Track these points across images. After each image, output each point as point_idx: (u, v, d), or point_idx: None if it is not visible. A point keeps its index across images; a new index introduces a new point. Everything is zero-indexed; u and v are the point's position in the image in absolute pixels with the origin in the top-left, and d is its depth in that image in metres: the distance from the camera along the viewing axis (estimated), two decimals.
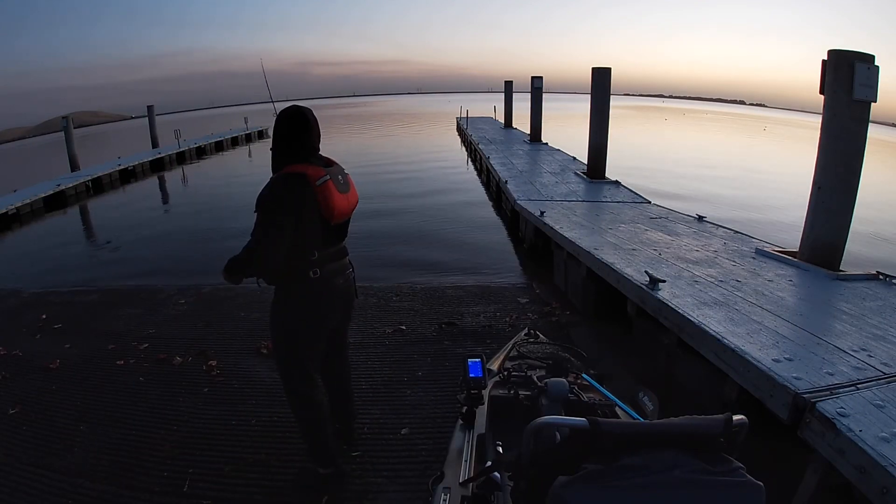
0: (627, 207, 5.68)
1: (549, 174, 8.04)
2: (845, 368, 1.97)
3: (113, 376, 3.06)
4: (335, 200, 1.78)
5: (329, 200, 1.76)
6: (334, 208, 1.78)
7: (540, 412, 1.37)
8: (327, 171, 1.79)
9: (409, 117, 39.95)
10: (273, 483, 2.13)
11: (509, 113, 18.10)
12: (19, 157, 27.44)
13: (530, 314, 3.89)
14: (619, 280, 3.26)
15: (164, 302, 4.31)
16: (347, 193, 1.87)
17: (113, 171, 12.31)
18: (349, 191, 1.89)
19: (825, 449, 1.62)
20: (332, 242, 1.89)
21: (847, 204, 3.28)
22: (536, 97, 12.83)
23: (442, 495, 1.27)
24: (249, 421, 2.56)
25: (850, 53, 3.15)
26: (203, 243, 6.79)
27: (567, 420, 0.94)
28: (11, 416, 2.65)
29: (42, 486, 2.13)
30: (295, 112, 1.84)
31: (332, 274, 1.88)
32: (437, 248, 6.33)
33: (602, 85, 7.28)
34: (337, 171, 1.85)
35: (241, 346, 3.39)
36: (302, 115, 1.83)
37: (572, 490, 0.82)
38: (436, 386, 2.85)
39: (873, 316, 2.53)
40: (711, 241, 4.15)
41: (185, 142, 17.23)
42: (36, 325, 3.88)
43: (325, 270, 1.85)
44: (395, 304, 4.11)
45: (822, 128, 3.32)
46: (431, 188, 10.30)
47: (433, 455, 2.20)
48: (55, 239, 7.68)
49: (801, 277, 3.21)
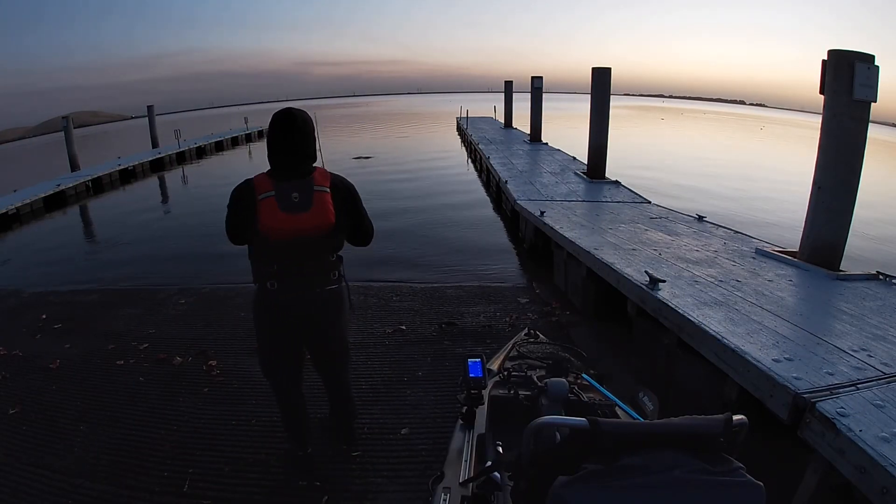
0: (627, 207, 5.68)
1: (549, 174, 8.04)
2: (845, 368, 1.97)
3: (113, 376, 3.06)
4: (273, 219, 1.69)
5: (266, 217, 1.69)
6: (270, 227, 1.70)
7: (540, 412, 1.37)
8: (277, 187, 1.70)
9: (410, 117, 39.95)
10: (273, 483, 2.13)
11: (509, 113, 18.11)
12: (19, 157, 27.44)
13: (530, 314, 3.89)
14: (619, 280, 3.26)
15: (164, 302, 4.31)
16: (301, 214, 1.71)
17: (113, 171, 12.32)
18: (307, 211, 1.72)
19: (825, 449, 1.62)
20: (295, 258, 1.78)
21: (847, 204, 3.28)
22: (536, 97, 12.84)
23: (442, 495, 1.27)
24: (249, 421, 2.56)
25: (850, 53, 3.15)
26: (203, 243, 6.78)
27: (567, 420, 0.94)
28: (11, 416, 2.65)
29: (42, 486, 2.13)
30: (275, 116, 1.76)
31: (288, 290, 1.81)
32: (437, 248, 6.34)
33: (602, 85, 7.28)
34: (294, 189, 1.72)
35: (241, 346, 3.39)
36: (279, 121, 1.74)
37: (572, 490, 0.82)
38: (436, 386, 2.85)
39: (873, 316, 2.52)
40: (711, 241, 4.15)
41: (185, 142, 17.25)
42: (36, 325, 3.88)
43: (283, 285, 1.80)
44: (395, 304, 4.11)
45: (822, 128, 3.32)
46: (431, 188, 10.30)
47: (433, 455, 2.20)
48: (55, 239, 7.68)
49: (801, 277, 3.21)
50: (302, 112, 1.79)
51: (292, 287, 1.81)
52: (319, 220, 1.74)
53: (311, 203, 1.73)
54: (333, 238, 1.83)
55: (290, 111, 1.77)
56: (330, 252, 1.86)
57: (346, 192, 1.85)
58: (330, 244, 1.84)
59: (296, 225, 1.72)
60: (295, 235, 1.73)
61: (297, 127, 1.75)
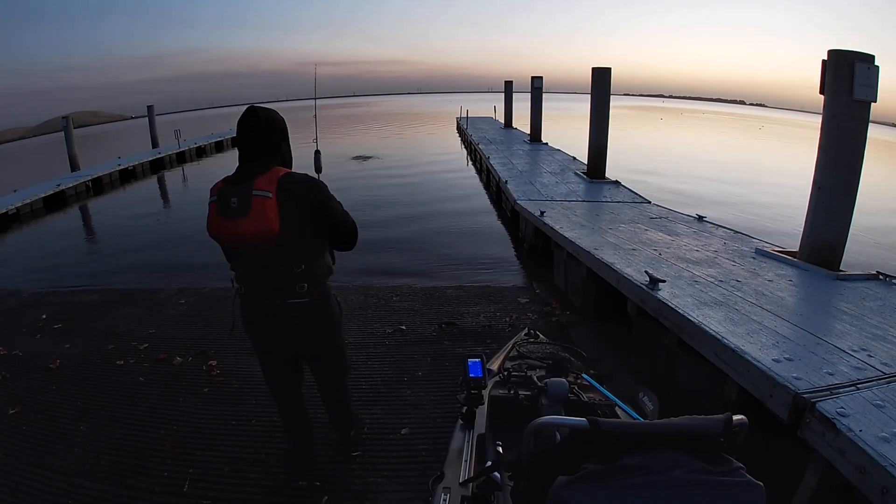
0: (627, 207, 5.68)
1: (549, 174, 8.04)
2: (845, 368, 1.97)
3: (113, 376, 3.06)
4: (212, 223, 1.62)
5: (209, 221, 1.62)
6: (214, 232, 1.63)
7: (540, 412, 1.37)
8: (222, 190, 1.61)
9: (410, 117, 39.93)
10: (273, 483, 2.13)
11: (509, 113, 18.12)
12: (19, 157, 27.43)
13: (530, 314, 3.89)
14: (619, 280, 3.26)
15: (164, 302, 4.31)
16: (238, 220, 1.56)
17: (113, 171, 12.33)
18: (245, 216, 1.55)
19: (825, 449, 1.62)
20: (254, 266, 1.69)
21: (847, 204, 3.28)
22: (536, 97, 12.84)
23: (442, 495, 1.27)
24: (249, 421, 2.56)
25: (851, 53, 3.15)
26: (203, 243, 6.76)
27: (567, 420, 0.94)
28: (11, 416, 2.65)
29: (42, 486, 2.13)
30: (242, 114, 1.67)
31: (255, 298, 1.73)
32: (437, 248, 6.34)
33: (602, 85, 7.28)
34: (234, 193, 1.58)
35: (241, 346, 3.38)
36: (239, 121, 1.66)
37: (572, 490, 0.82)
38: (436, 386, 2.85)
39: (873, 316, 2.53)
40: (711, 241, 4.15)
41: (185, 142, 17.25)
42: (36, 325, 3.88)
43: (250, 292, 1.73)
44: (395, 304, 4.11)
45: (822, 128, 3.32)
46: (431, 188, 10.29)
47: (433, 455, 2.20)
48: (55, 239, 7.68)
49: (801, 277, 3.21)
50: (267, 112, 1.69)
51: (258, 297, 1.73)
52: (258, 227, 1.55)
53: (249, 208, 1.56)
54: (284, 247, 1.62)
55: (253, 110, 1.67)
56: (292, 262, 1.68)
57: (304, 196, 1.62)
58: (286, 253, 1.64)
59: (233, 230, 1.58)
60: (238, 243, 1.62)
61: (254, 127, 1.64)
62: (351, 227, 1.80)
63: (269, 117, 1.67)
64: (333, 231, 1.75)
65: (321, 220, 1.69)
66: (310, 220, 1.65)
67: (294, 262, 1.68)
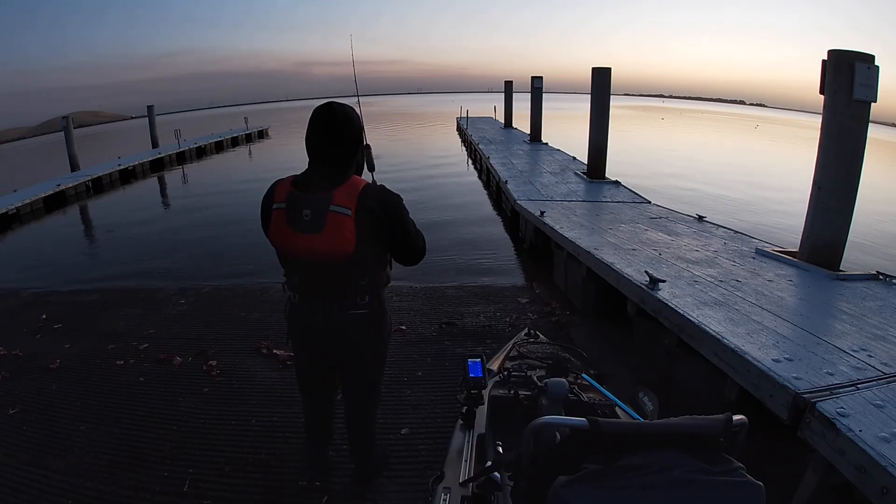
0: (627, 207, 5.68)
1: (549, 174, 8.04)
2: (845, 368, 1.97)
3: (113, 376, 3.06)
4: (279, 233, 1.50)
5: (274, 229, 1.51)
6: (277, 241, 1.52)
7: (540, 412, 1.37)
8: (292, 198, 1.47)
9: (410, 117, 39.94)
10: (273, 483, 2.12)
11: (509, 113, 18.11)
12: (19, 157, 27.44)
13: (530, 314, 3.89)
14: (619, 280, 3.26)
15: (164, 302, 4.31)
16: (312, 234, 1.45)
17: (113, 171, 12.32)
18: (318, 232, 1.44)
19: (825, 449, 1.62)
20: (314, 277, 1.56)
21: (847, 204, 3.28)
22: (536, 97, 12.85)
23: (442, 495, 1.27)
24: (249, 421, 2.56)
25: (851, 53, 3.15)
26: (203, 243, 6.79)
27: (567, 420, 0.94)
28: (11, 416, 2.65)
29: (42, 486, 2.13)
30: (313, 112, 1.53)
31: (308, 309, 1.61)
32: (437, 248, 6.33)
33: (602, 85, 7.28)
34: (307, 204, 1.45)
35: (241, 346, 3.39)
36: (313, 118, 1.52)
37: (572, 490, 0.82)
38: (436, 386, 2.85)
39: (873, 316, 2.53)
40: (711, 241, 4.15)
41: (185, 142, 17.25)
42: (36, 325, 3.88)
43: (304, 302, 1.62)
44: (395, 304, 4.11)
45: (822, 128, 3.32)
46: (431, 188, 10.29)
47: (433, 455, 2.20)
48: (55, 239, 7.68)
49: (801, 277, 3.21)
50: (345, 108, 1.54)
51: (312, 307, 1.61)
52: (333, 247, 1.45)
53: (324, 225, 1.44)
54: (352, 262, 1.51)
55: (331, 106, 1.52)
56: (358, 276, 1.57)
57: (381, 215, 1.50)
58: (353, 268, 1.54)
59: (305, 245, 1.47)
60: (306, 257, 1.50)
61: (333, 127, 1.51)
62: (420, 247, 1.68)
63: (348, 116, 1.54)
64: (402, 247, 1.64)
65: (394, 238, 1.59)
66: (382, 235, 1.55)
67: (360, 275, 1.57)
